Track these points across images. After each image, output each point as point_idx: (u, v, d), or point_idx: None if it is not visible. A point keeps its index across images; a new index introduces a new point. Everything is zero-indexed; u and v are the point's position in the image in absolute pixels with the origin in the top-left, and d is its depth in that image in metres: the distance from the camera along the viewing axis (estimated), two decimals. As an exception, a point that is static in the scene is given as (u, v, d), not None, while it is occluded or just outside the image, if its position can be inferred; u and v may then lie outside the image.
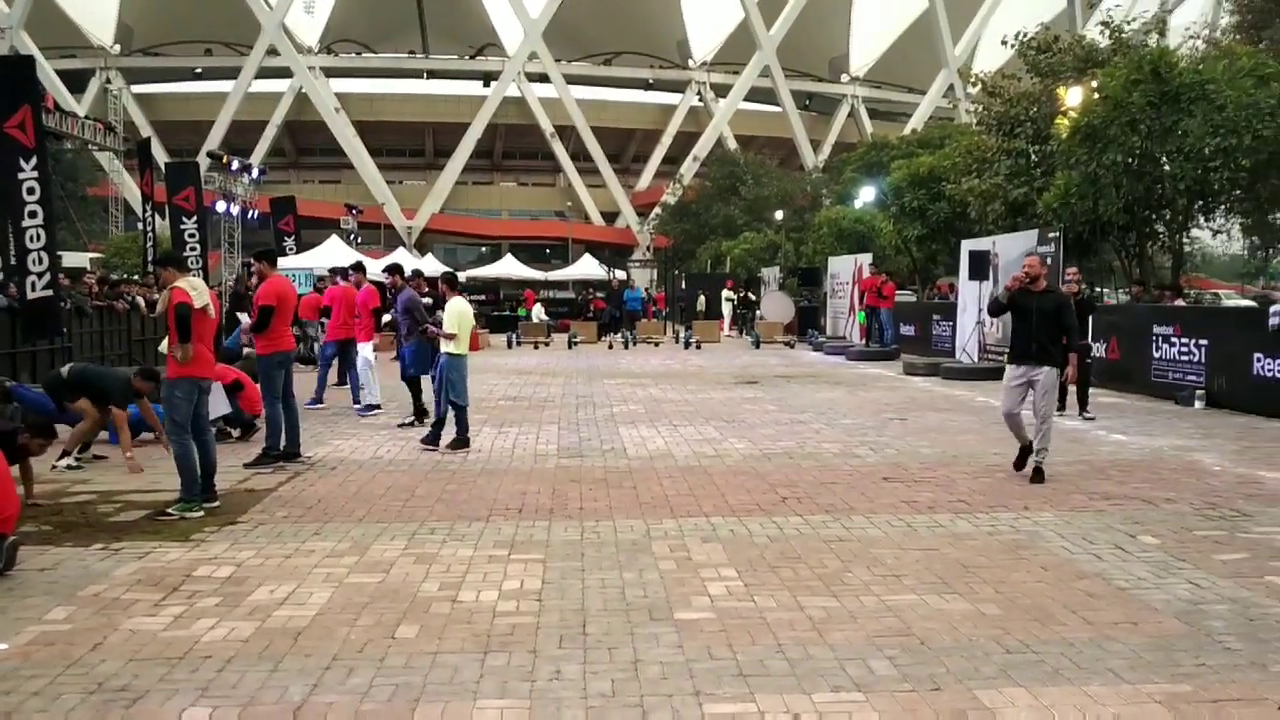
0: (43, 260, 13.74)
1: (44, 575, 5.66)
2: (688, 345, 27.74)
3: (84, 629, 4.79)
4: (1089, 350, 13.05)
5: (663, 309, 41.35)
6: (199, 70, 65.71)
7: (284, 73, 62.80)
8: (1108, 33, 20.40)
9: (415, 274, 12.96)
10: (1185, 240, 20.06)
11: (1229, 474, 8.69)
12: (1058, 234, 16.71)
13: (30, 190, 13.63)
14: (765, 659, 4.41)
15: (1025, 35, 22.05)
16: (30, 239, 13.60)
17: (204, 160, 33.69)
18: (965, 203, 21.80)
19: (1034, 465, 8.33)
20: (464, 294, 11.43)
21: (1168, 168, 16.53)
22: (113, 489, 8.06)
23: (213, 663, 4.35)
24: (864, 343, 24.82)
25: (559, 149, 66.38)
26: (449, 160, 65.72)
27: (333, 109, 63.11)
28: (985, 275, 17.69)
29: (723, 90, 68.01)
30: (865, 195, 33.56)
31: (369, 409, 12.91)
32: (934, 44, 67.92)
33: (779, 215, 43.70)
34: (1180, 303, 16.35)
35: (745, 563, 5.92)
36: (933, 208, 24.33)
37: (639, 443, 10.54)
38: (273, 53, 61.70)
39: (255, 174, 33.00)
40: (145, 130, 53.90)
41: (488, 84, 65.57)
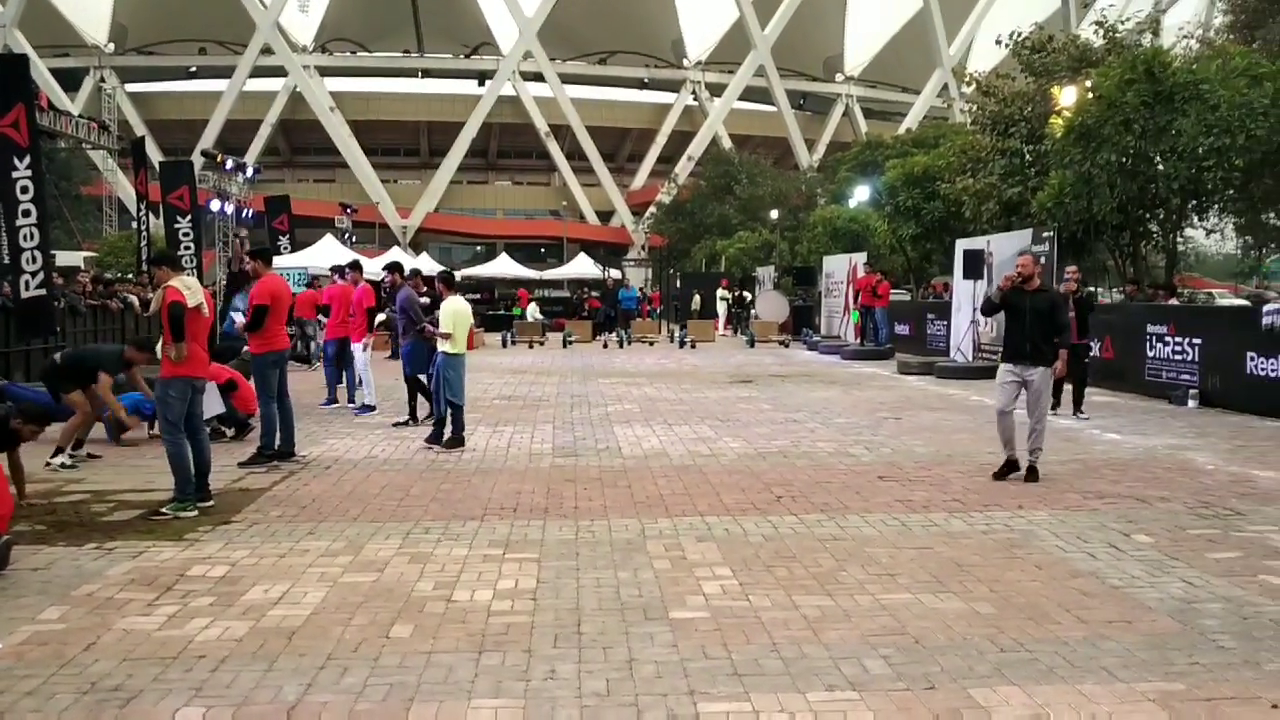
0: (36, 259, 13.73)
1: (37, 575, 5.65)
2: (682, 344, 27.76)
3: (77, 629, 4.78)
4: (1089, 350, 13.05)
5: (657, 308, 41.36)
6: (193, 69, 65.51)
7: (278, 72, 62.66)
8: (1102, 32, 20.43)
9: (414, 273, 12.95)
10: (1179, 240, 20.10)
11: (1222, 473, 8.71)
12: (1052, 233, 16.74)
13: (24, 189, 13.62)
14: (760, 658, 4.41)
15: (1019, 35, 22.08)
16: (24, 238, 13.59)
17: (198, 159, 33.59)
18: (960, 202, 21.83)
19: (1028, 464, 8.32)
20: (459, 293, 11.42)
21: (1161, 167, 16.56)
22: (106, 488, 8.04)
23: (207, 662, 4.35)
24: (858, 342, 24.85)
25: (554, 148, 66.32)
26: (444, 159, 65.60)
27: (327, 108, 62.98)
28: (980, 274, 17.71)
29: (717, 89, 67.99)
30: (860, 194, 33.55)
31: (364, 409, 12.90)
32: (929, 44, 67.97)
33: (774, 214, 43.72)
34: (1174, 302, 16.38)
35: (740, 562, 5.92)
36: (927, 207, 24.36)
37: (634, 442, 10.54)
38: (267, 51, 61.56)
39: (250, 173, 32.90)
40: (139, 129, 53.68)
41: (482, 83, 65.47)
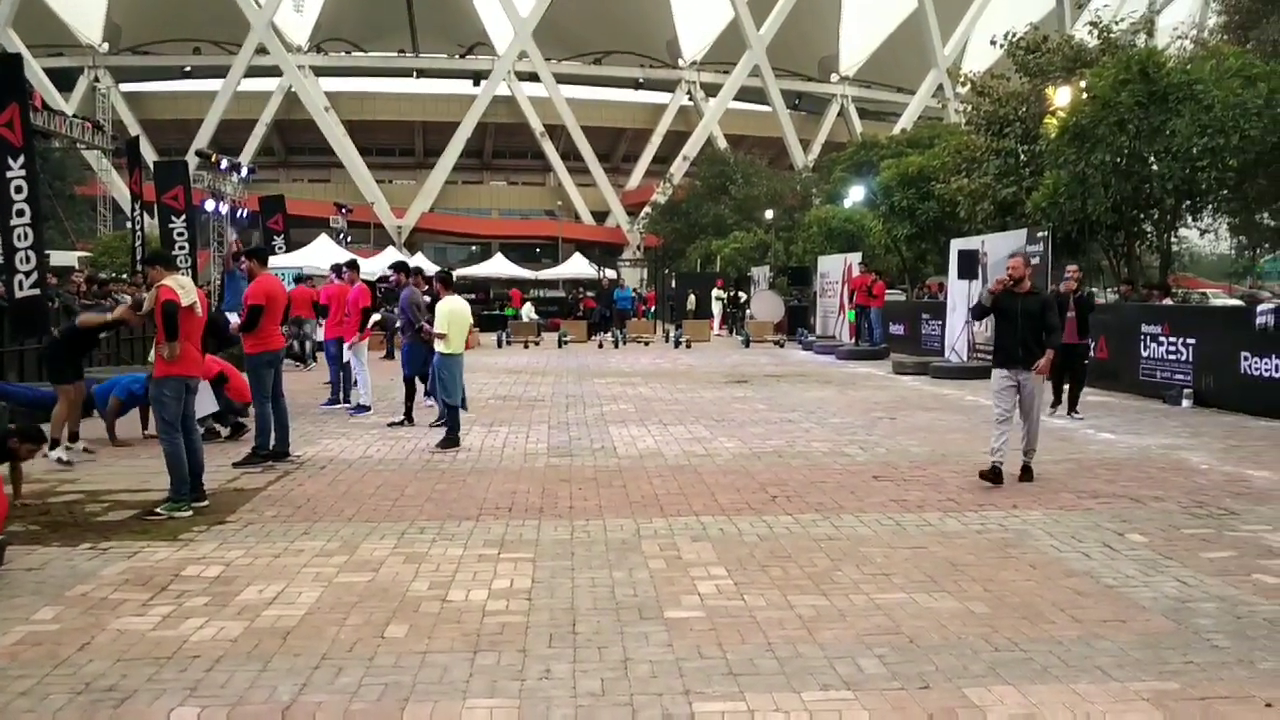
0: (30, 259, 13.68)
1: (31, 575, 5.64)
2: (678, 344, 27.75)
3: (71, 629, 4.77)
4: (1088, 350, 13.01)
5: (652, 308, 41.36)
6: (188, 69, 65.49)
7: (273, 71, 62.62)
8: (1096, 33, 20.45)
9: (415, 271, 12.96)
10: (1173, 240, 20.13)
11: (1216, 472, 8.72)
12: (1046, 233, 16.76)
13: (18, 189, 13.57)
14: (755, 657, 4.41)
15: (1014, 35, 22.07)
16: (18, 238, 13.55)
17: (193, 159, 33.58)
18: (954, 202, 21.84)
19: (1022, 464, 8.31)
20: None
21: (1155, 167, 16.58)
22: (101, 488, 8.03)
23: (201, 662, 4.34)
24: (853, 342, 24.87)
25: (549, 148, 66.33)
26: (439, 159, 65.62)
27: (322, 108, 62.96)
28: (974, 274, 17.73)
29: (713, 90, 68.05)
30: (855, 195, 33.58)
31: (359, 409, 12.88)
32: (923, 44, 68.12)
33: (769, 214, 43.77)
34: (1168, 302, 16.41)
35: (735, 561, 5.93)
36: (922, 207, 24.36)
37: (629, 442, 10.54)
38: (262, 51, 61.53)
39: (244, 173, 32.91)
40: (134, 129, 53.63)
41: (477, 83, 65.49)
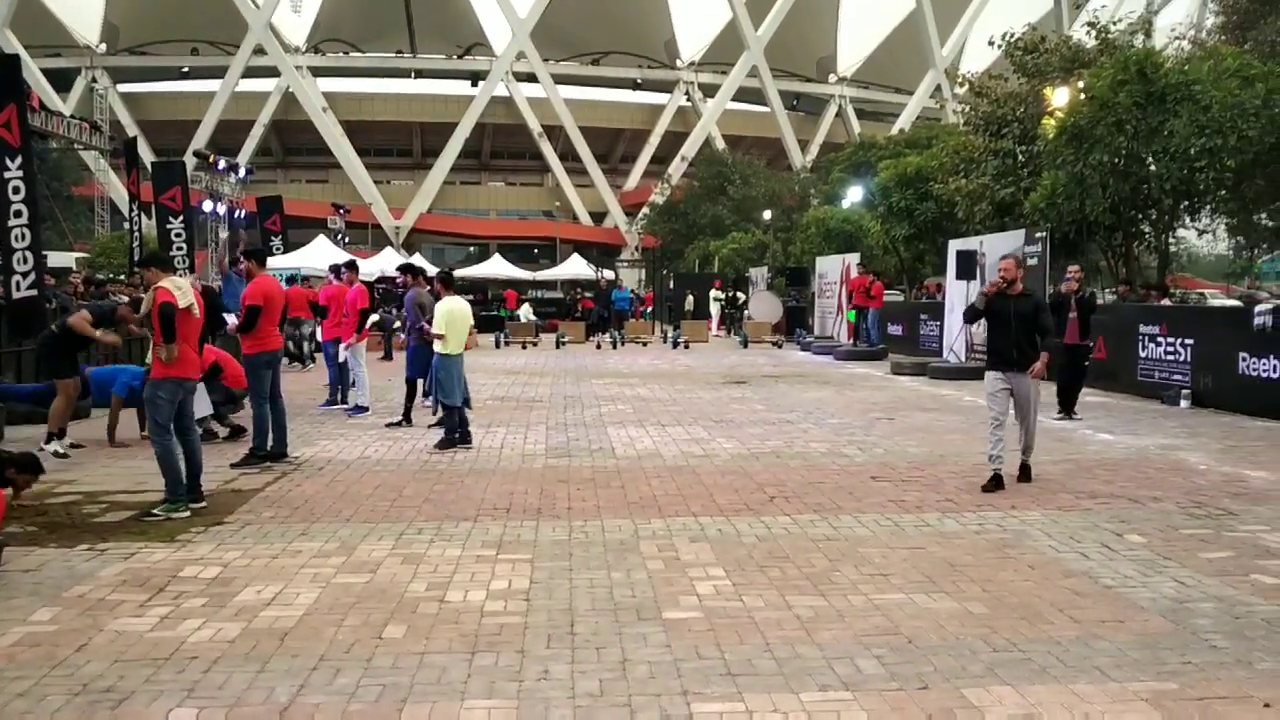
0: (28, 260, 13.67)
1: (29, 576, 5.63)
2: (675, 345, 27.76)
3: (69, 630, 4.76)
4: (1089, 351, 12.98)
5: (649, 308, 41.33)
6: (185, 69, 65.49)
7: (271, 72, 62.63)
8: (1094, 33, 20.47)
9: (418, 271, 12.97)
10: (1171, 240, 20.16)
11: (1214, 473, 8.73)
12: (1044, 234, 16.77)
13: (15, 189, 13.57)
14: (753, 658, 4.41)
15: (1012, 36, 22.10)
16: (15, 238, 13.54)
17: (190, 160, 33.58)
18: (952, 203, 21.85)
19: (1020, 463, 8.30)
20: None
21: (1153, 168, 16.61)
22: (98, 489, 8.02)
23: (199, 663, 4.33)
24: (852, 342, 24.86)
25: (547, 149, 66.37)
26: (437, 160, 65.66)
27: (320, 108, 62.95)
28: (972, 275, 17.75)
29: (711, 90, 68.09)
30: (853, 195, 33.59)
31: (357, 410, 12.87)
32: (921, 45, 68.17)
33: (767, 215, 43.78)
34: (1166, 302, 16.42)
35: (733, 562, 5.92)
36: (920, 208, 24.38)
37: (627, 443, 10.53)
38: (260, 52, 61.52)
39: (242, 173, 32.91)
40: (131, 130, 53.60)
41: (475, 84, 65.51)
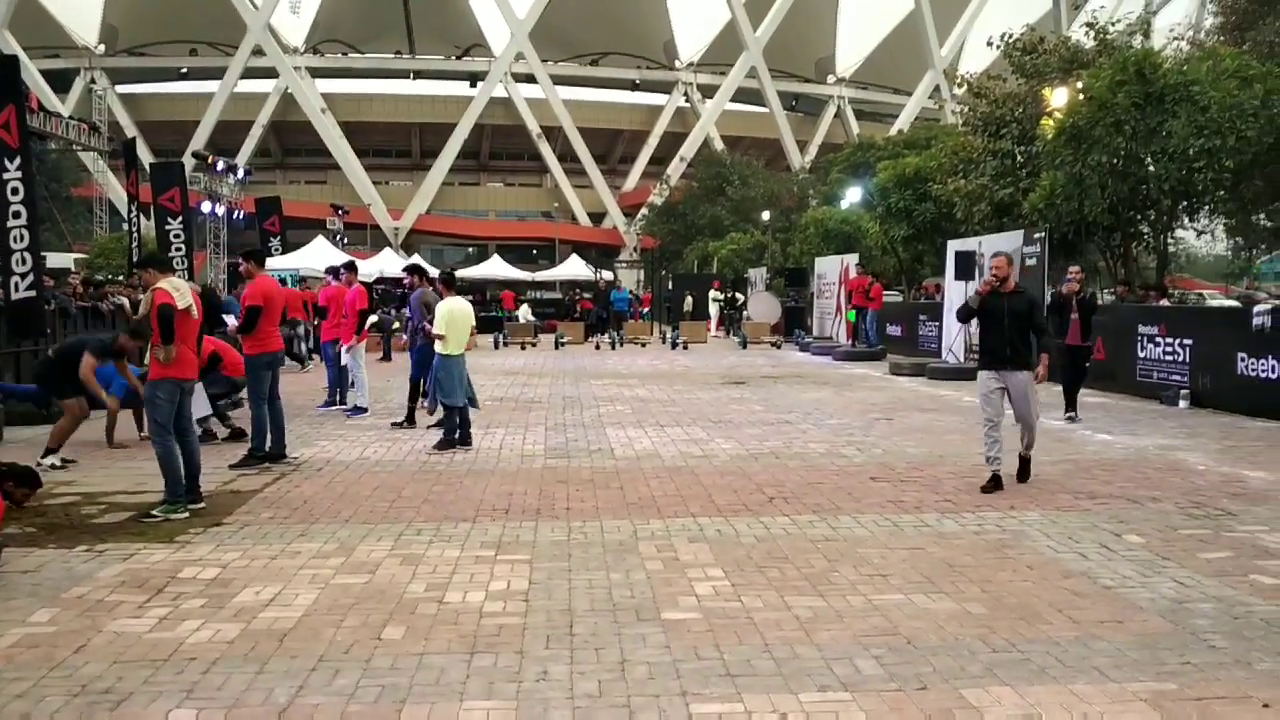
0: (26, 261, 13.68)
1: (27, 577, 5.63)
2: (674, 346, 27.76)
3: (68, 631, 4.75)
4: (1090, 352, 12.92)
5: (646, 309, 41.30)
6: (184, 70, 65.42)
7: (270, 73, 62.58)
8: (1092, 34, 20.48)
9: (419, 270, 12.99)
10: (1170, 241, 20.15)
11: (1213, 473, 8.73)
12: (1043, 234, 16.77)
13: (14, 190, 13.57)
14: (752, 659, 4.41)
15: (1010, 36, 22.11)
16: (14, 239, 13.54)
17: (189, 161, 33.57)
18: (951, 203, 21.85)
19: (1020, 458, 8.26)
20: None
21: (1152, 168, 16.61)
22: (97, 490, 8.01)
23: (198, 664, 4.33)
24: (850, 343, 24.87)
25: (546, 150, 66.34)
26: (435, 161, 65.59)
27: (319, 109, 62.91)
28: (971, 275, 17.71)
29: (709, 91, 68.06)
30: (851, 196, 33.61)
31: (356, 411, 12.87)
32: (920, 45, 68.14)
33: (765, 216, 43.77)
34: (1165, 303, 16.42)
35: (732, 563, 5.92)
36: (919, 208, 24.37)
37: (626, 443, 10.53)
38: (258, 53, 61.46)
39: (241, 174, 32.90)
40: (130, 130, 53.61)
41: (474, 84, 65.47)
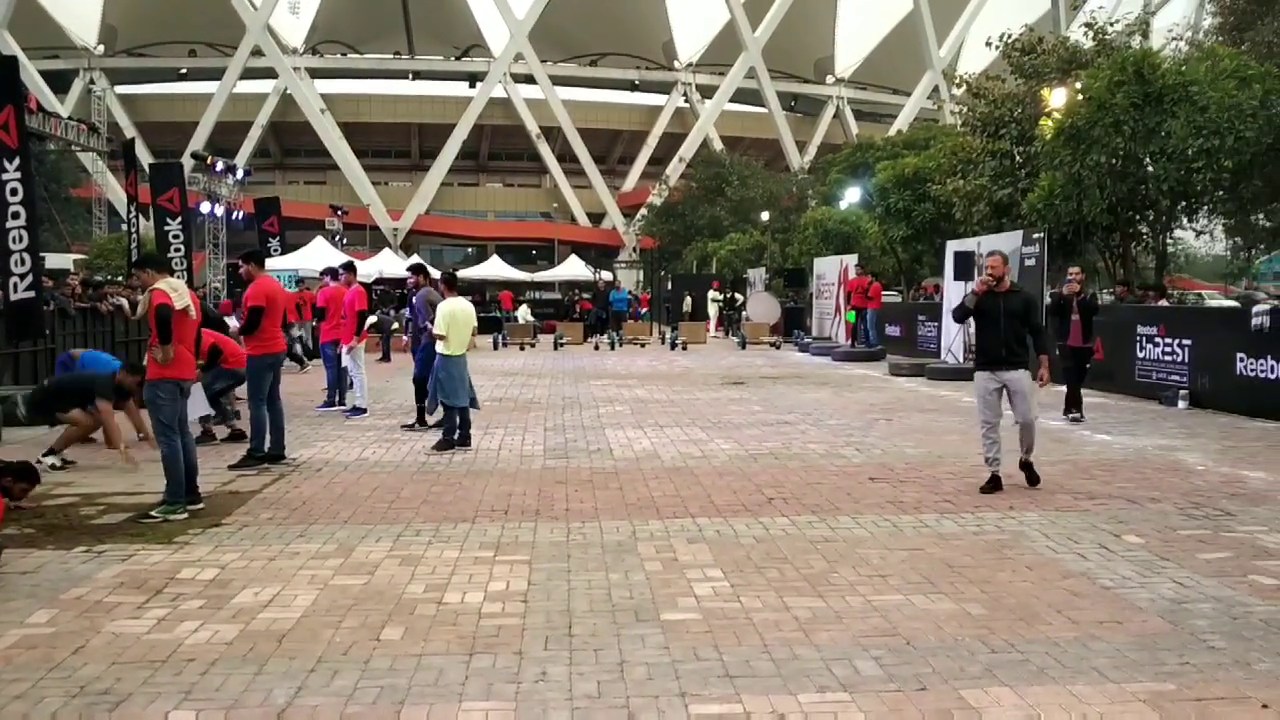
0: (25, 262, 13.67)
1: (26, 578, 5.62)
2: (674, 346, 27.75)
3: (66, 632, 4.75)
4: (1091, 354, 12.86)
5: (645, 309, 41.27)
6: (183, 71, 65.41)
7: (269, 74, 62.57)
8: (1091, 34, 20.49)
9: (423, 271, 13.01)
10: (1169, 241, 20.16)
11: (1213, 473, 8.73)
12: (1042, 235, 16.77)
13: (13, 191, 13.56)
14: (751, 659, 4.40)
15: (1009, 37, 22.11)
16: (13, 240, 13.53)
17: (188, 161, 33.53)
18: (950, 204, 21.85)
19: (1022, 463, 8.12)
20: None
21: (1151, 169, 16.61)
22: (95, 491, 8.01)
23: (196, 665, 4.33)
24: (850, 343, 24.86)
25: (545, 150, 66.35)
26: (435, 161, 65.58)
27: (318, 110, 62.90)
28: (970, 276, 17.67)
29: (708, 91, 68.08)
30: (851, 196, 33.59)
31: (355, 411, 12.86)
32: (919, 46, 68.16)
33: (765, 216, 43.75)
34: (1164, 303, 16.42)
35: (731, 563, 5.92)
36: (918, 209, 24.37)
37: (625, 444, 10.53)
38: (257, 54, 61.45)
39: (240, 175, 32.85)
40: (129, 131, 53.65)
41: (473, 85, 65.48)
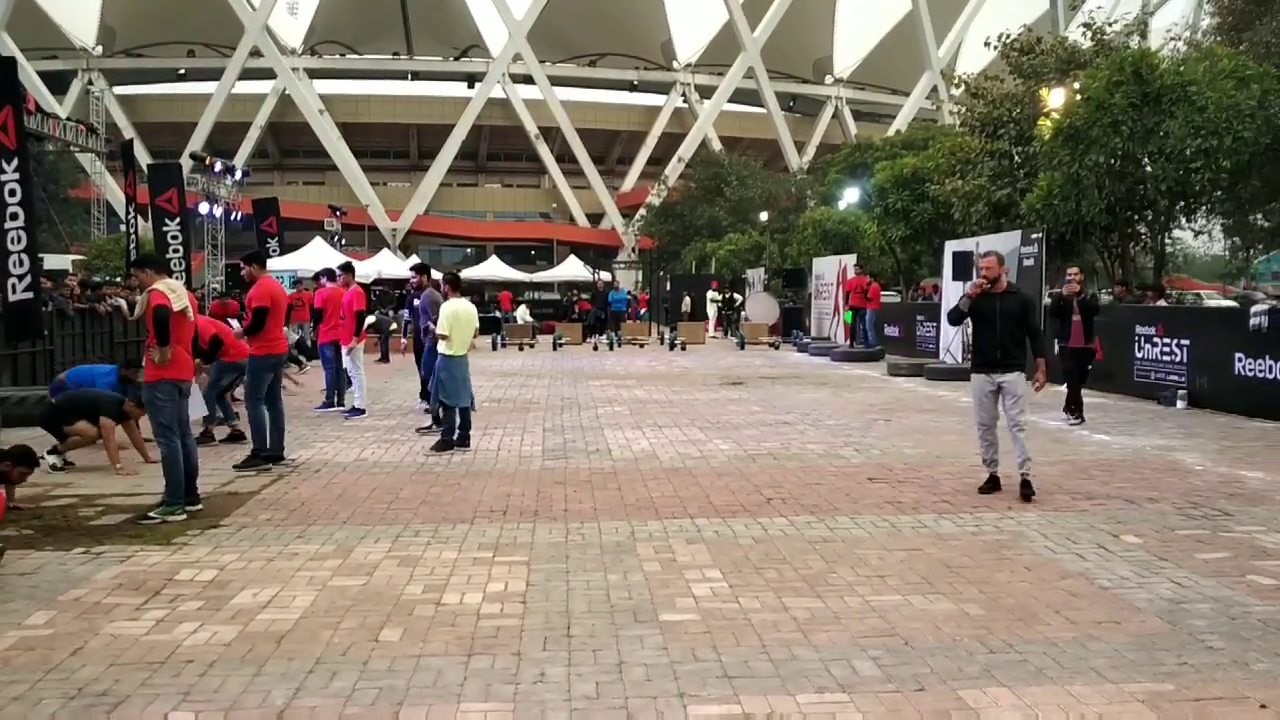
0: (24, 262, 13.67)
1: (24, 579, 5.62)
2: (673, 346, 27.74)
3: (65, 633, 4.75)
4: (1093, 354, 12.78)
5: (643, 310, 41.25)
6: (182, 71, 65.36)
7: (268, 74, 62.51)
8: (1089, 34, 20.51)
9: (422, 269, 13.01)
10: (1167, 241, 20.18)
11: (1211, 473, 8.73)
12: (1040, 235, 16.78)
13: (11, 192, 13.57)
14: (750, 660, 4.41)
15: (1008, 37, 22.13)
16: (11, 241, 13.54)
17: (187, 162, 33.50)
18: (949, 204, 21.86)
19: (1021, 480, 7.75)
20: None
21: (1149, 169, 16.62)
22: (94, 492, 8.01)
23: (195, 667, 4.33)
24: (848, 344, 24.86)
25: (544, 150, 66.32)
26: (433, 162, 65.55)
27: (317, 110, 62.86)
28: (969, 276, 17.63)
29: (707, 92, 68.06)
30: (849, 196, 33.61)
31: (354, 412, 12.85)
32: (917, 46, 68.14)
33: (764, 216, 43.75)
34: (1162, 303, 16.42)
35: (730, 564, 5.92)
36: (916, 209, 24.38)
37: (624, 444, 10.53)
38: (256, 54, 61.40)
39: (238, 176, 32.83)
40: (128, 132, 53.55)
41: (472, 85, 65.43)
